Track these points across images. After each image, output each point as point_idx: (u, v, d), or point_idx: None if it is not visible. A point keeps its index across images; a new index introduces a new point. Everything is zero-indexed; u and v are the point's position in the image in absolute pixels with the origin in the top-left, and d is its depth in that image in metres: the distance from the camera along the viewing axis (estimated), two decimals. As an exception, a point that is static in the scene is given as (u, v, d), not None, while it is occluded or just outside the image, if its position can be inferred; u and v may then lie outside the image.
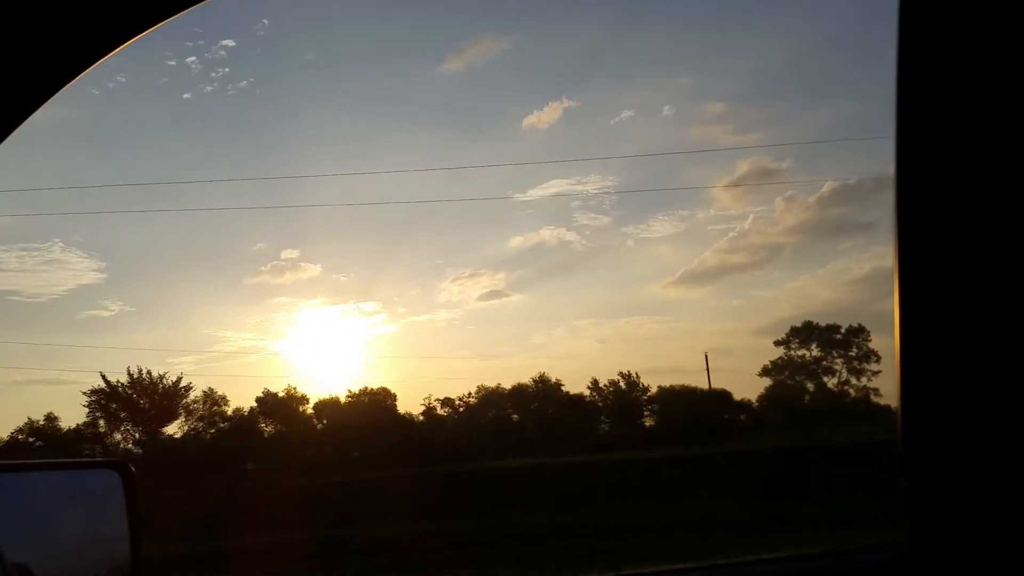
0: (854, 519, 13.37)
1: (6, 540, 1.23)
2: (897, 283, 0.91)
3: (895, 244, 0.93)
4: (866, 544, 1.19)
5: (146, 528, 1.33)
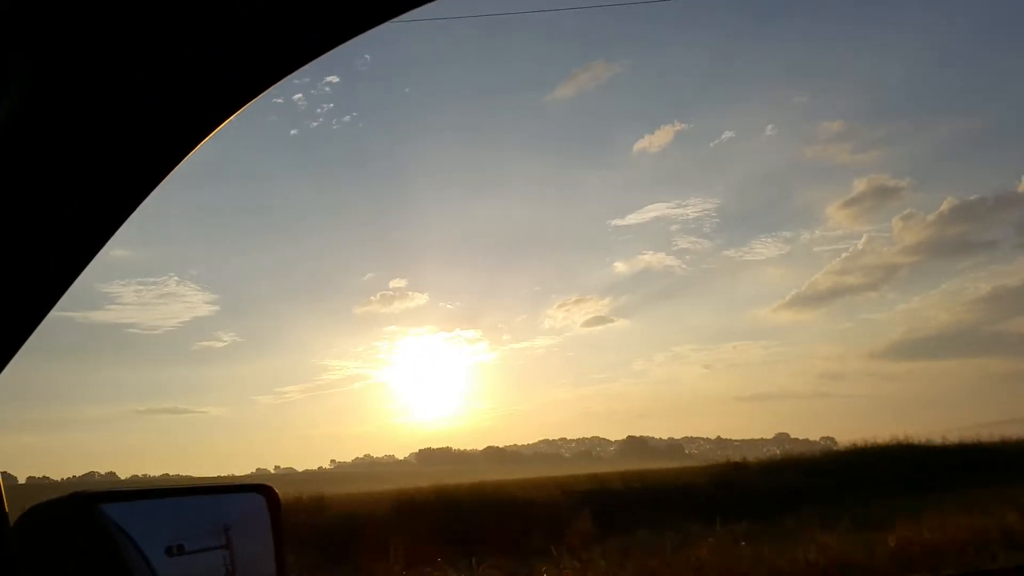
0: None
1: (160, 565, 1.28)
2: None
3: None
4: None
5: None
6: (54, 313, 1.12)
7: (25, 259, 1.06)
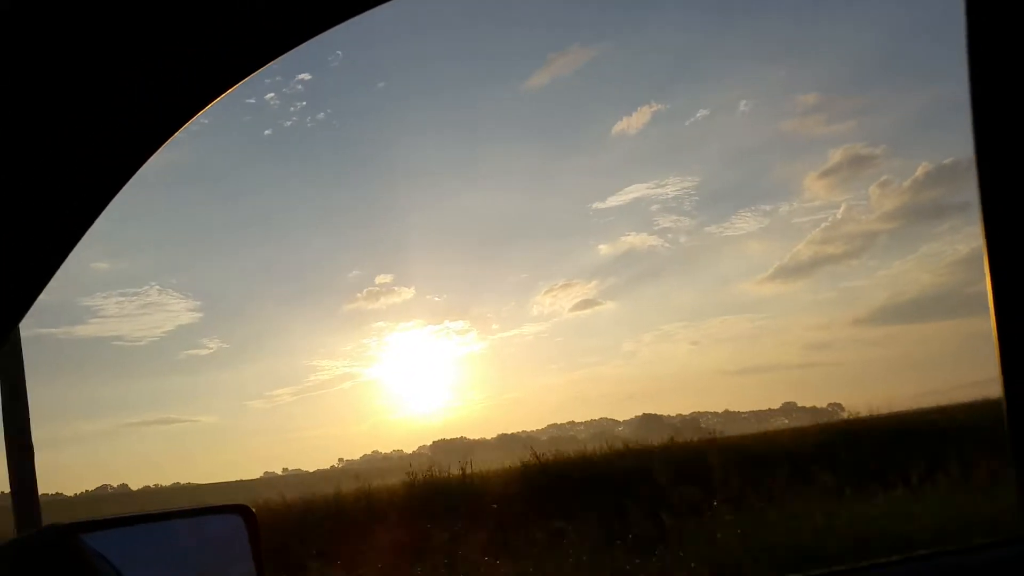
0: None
1: None
2: (988, 268, 0.88)
3: (981, 227, 0.91)
4: (981, 542, 1.14)
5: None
6: (36, 331, 1.12)
7: None
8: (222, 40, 1.05)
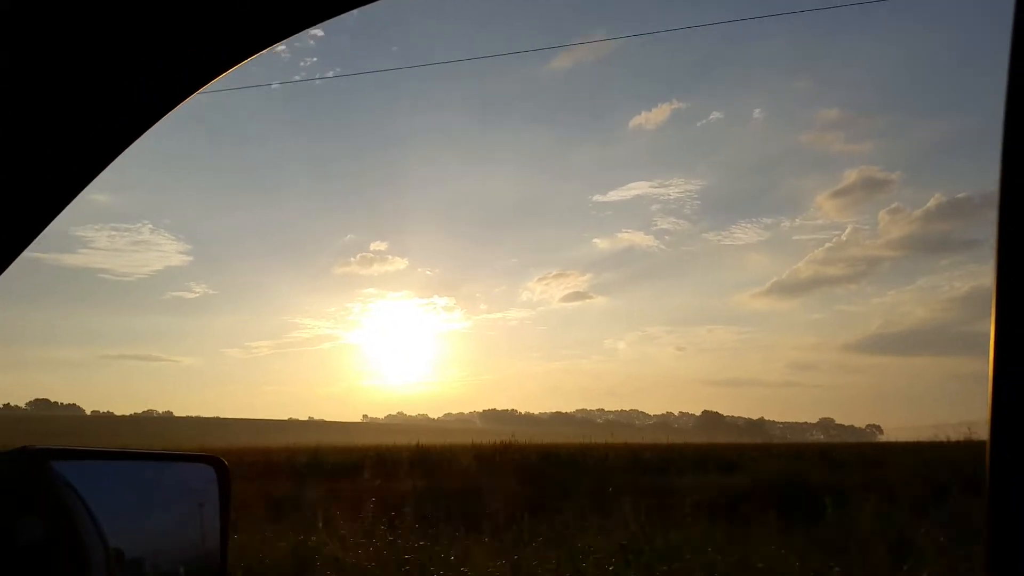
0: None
1: (109, 525, 1.30)
2: (994, 305, 0.87)
3: (995, 262, 0.89)
4: None
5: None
6: (24, 254, 1.14)
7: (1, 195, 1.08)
8: (217, 27, 1.08)
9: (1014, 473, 0.86)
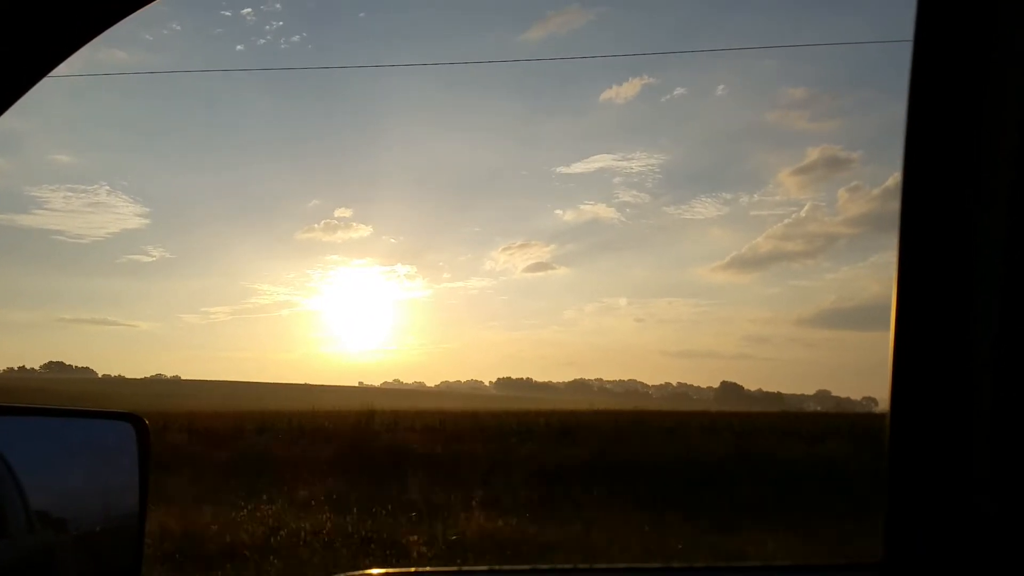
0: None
1: (26, 480, 1.28)
2: (896, 290, 0.89)
3: (898, 247, 0.92)
4: (839, 562, 1.16)
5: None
6: None
7: None
8: None
9: (911, 456, 0.89)
